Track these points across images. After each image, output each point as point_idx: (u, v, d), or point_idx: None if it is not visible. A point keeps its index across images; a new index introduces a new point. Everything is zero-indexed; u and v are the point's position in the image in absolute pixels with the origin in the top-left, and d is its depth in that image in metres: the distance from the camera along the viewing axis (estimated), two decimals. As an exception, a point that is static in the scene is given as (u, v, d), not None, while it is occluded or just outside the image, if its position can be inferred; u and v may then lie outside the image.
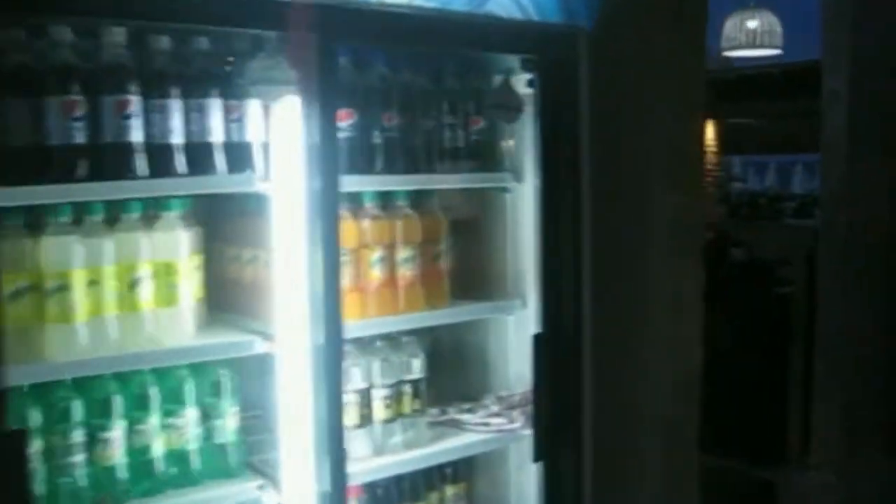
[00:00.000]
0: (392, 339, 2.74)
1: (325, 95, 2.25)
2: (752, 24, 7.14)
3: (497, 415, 2.84)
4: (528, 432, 2.77)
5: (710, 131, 11.49)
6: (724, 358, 6.20)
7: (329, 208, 2.29)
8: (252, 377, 2.59)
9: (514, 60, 2.73)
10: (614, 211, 2.86)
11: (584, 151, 2.72)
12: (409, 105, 2.66)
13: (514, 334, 2.89)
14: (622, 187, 2.89)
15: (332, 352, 2.32)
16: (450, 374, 3.09)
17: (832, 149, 5.63)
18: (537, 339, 2.73)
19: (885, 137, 5.69)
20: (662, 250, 2.93)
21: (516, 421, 2.82)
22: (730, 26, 7.26)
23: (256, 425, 2.66)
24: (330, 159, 2.27)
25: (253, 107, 2.40)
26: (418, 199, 2.78)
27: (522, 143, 2.81)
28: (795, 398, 5.90)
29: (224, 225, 2.72)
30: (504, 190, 2.87)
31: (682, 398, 3.07)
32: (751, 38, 7.16)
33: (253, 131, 2.42)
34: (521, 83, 2.74)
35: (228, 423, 2.54)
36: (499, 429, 2.82)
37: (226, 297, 2.72)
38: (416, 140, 2.68)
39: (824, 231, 5.63)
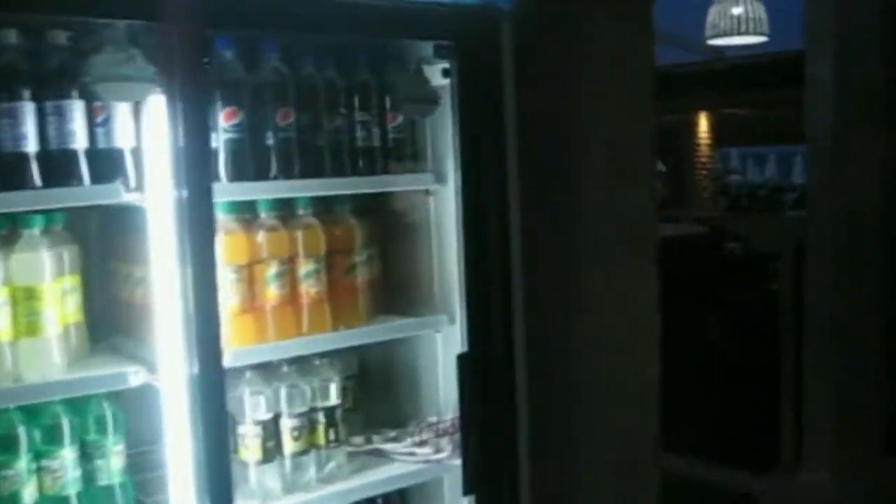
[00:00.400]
0: (302, 363, 2.42)
1: (192, 92, 1.91)
2: (736, 10, 6.76)
3: (423, 443, 2.50)
4: (458, 462, 2.44)
5: (703, 123, 11.13)
6: (714, 358, 5.88)
7: (201, 220, 1.96)
8: (141, 409, 2.28)
9: (426, 47, 2.39)
10: (548, 213, 2.53)
11: (511, 147, 2.38)
12: (310, 101, 2.33)
13: (444, 353, 2.55)
14: (557, 186, 2.54)
15: (209, 382, 1.99)
16: (380, 398, 2.77)
17: (817, 137, 5.30)
18: (462, 359, 2.40)
19: (872, 123, 5.36)
20: (606, 255, 2.58)
21: (444, 450, 2.48)
22: (714, 13, 6.89)
23: (147, 462, 2.34)
24: (199, 165, 1.94)
25: (122, 108, 2.08)
26: (328, 205, 2.45)
27: (445, 139, 2.46)
28: (787, 399, 5.54)
29: (116, 240, 2.41)
30: (427, 193, 2.53)
31: (637, 416, 2.72)
32: (735, 26, 6.78)
33: (123, 136, 2.10)
34: (437, 73, 2.40)
35: (114, 462, 2.23)
36: (425, 459, 2.48)
37: (120, 320, 2.42)
38: (321, 140, 2.35)
39: (812, 222, 5.29)
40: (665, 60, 10.38)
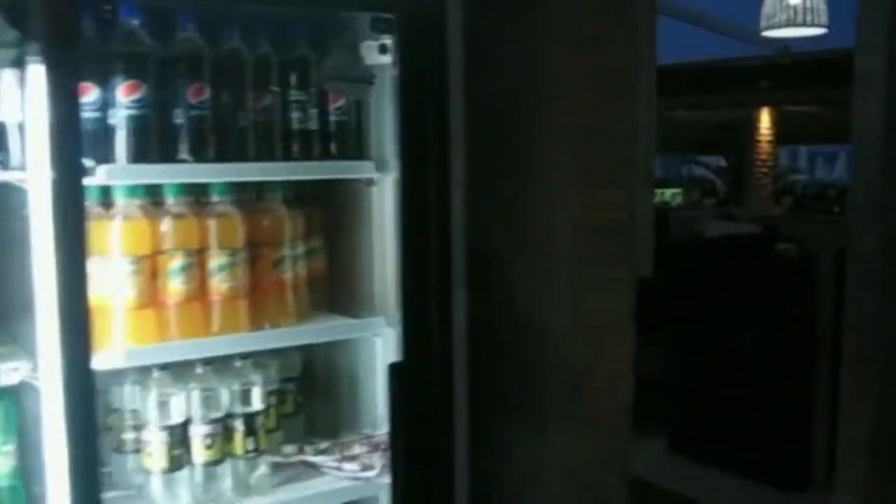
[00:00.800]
0: (220, 365, 2.15)
1: (56, 59, 1.66)
2: (793, 0, 6.25)
3: (353, 458, 2.22)
4: (387, 481, 2.15)
5: (765, 119, 10.52)
6: (748, 365, 5.45)
7: (69, 203, 1.71)
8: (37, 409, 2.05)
9: (363, 19, 2.10)
10: (499, 213, 2.21)
11: (457, 135, 2.07)
12: (231, 78, 2.05)
13: (382, 360, 2.26)
14: (511, 183, 2.22)
15: (76, 383, 1.74)
16: (323, 403, 2.49)
17: (865, 137, 4.82)
18: (393, 369, 2.11)
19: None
20: (572, 260, 2.25)
21: (374, 467, 2.20)
22: (769, 4, 6.38)
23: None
24: (68, 142, 1.69)
25: (5, 78, 1.84)
26: (259, 193, 2.18)
27: (388, 124, 2.17)
28: (821, 416, 5.09)
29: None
30: (369, 182, 2.24)
31: (605, 438, 2.39)
32: (792, 16, 6.28)
33: (5, 108, 1.85)
34: (374, 49, 2.10)
35: (1, 464, 2.00)
36: (352, 475, 2.20)
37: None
38: (243, 120, 2.07)
39: (856, 231, 4.82)
40: (727, 53, 9.85)
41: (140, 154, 1.93)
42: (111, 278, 1.93)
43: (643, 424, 5.94)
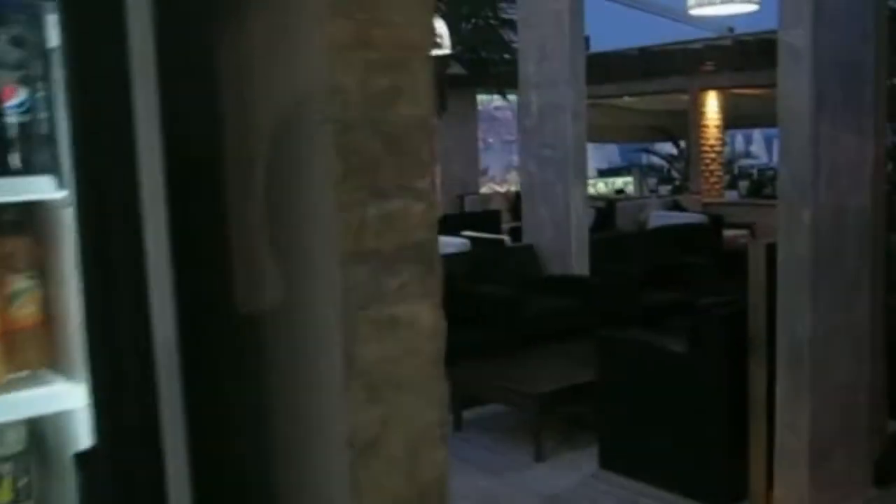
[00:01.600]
0: None
1: None
2: (721, -24, 5.66)
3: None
4: None
5: (711, 104, 9.90)
6: (680, 371, 4.87)
7: None
8: None
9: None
10: (234, 236, 1.59)
11: (150, 131, 1.45)
12: None
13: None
14: (253, 199, 1.60)
15: None
16: (58, 486, 1.87)
17: (791, 119, 4.24)
18: (81, 459, 1.49)
19: (859, 103, 4.30)
20: (343, 297, 1.63)
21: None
22: (697, -20, 5.79)
23: None
24: None
25: None
26: None
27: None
28: (759, 425, 4.50)
29: None
30: (62, 204, 1.61)
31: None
32: (719, -8, 5.68)
33: None
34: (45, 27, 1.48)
35: None
36: None
37: None
38: None
39: (785, 222, 4.24)
40: (670, 38, 9.24)
41: None
42: None
43: (574, 438, 5.40)
